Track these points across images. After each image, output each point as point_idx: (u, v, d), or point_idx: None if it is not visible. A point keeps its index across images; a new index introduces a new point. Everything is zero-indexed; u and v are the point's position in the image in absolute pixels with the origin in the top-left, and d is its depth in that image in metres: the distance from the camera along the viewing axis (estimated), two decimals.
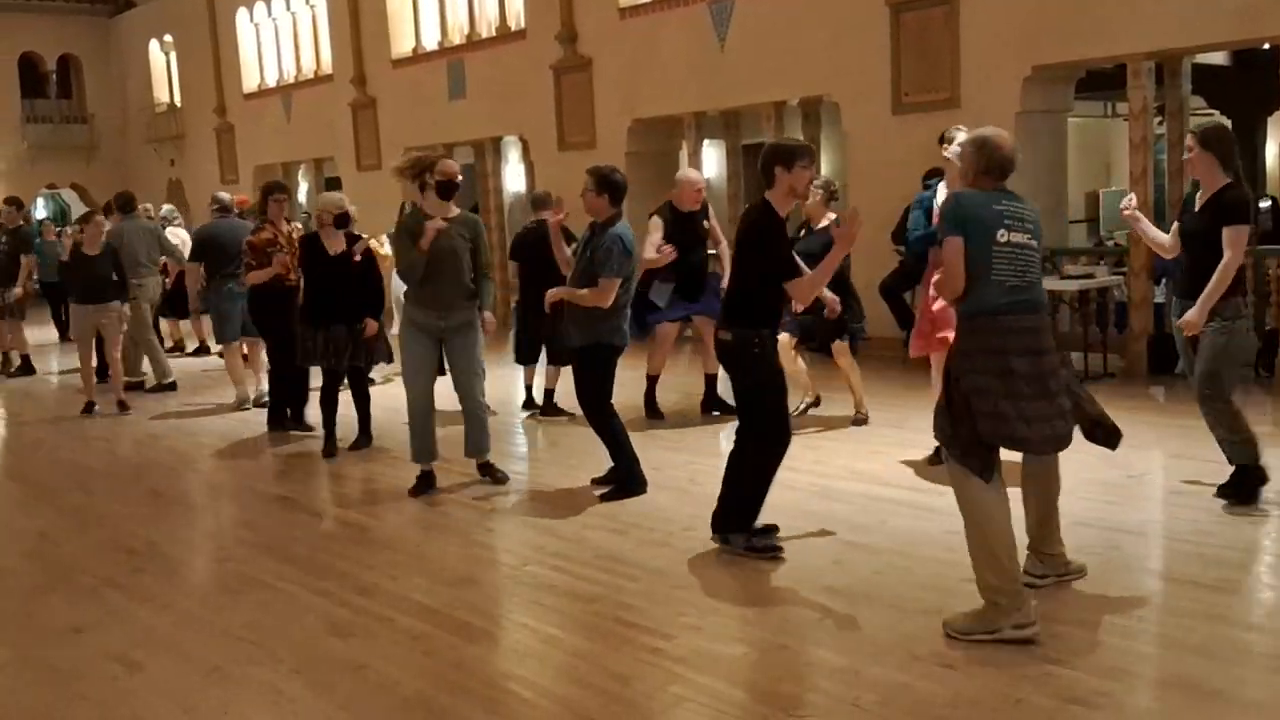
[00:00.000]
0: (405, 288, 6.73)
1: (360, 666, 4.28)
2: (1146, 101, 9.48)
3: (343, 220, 7.89)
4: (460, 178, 6.72)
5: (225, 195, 10.34)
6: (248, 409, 9.64)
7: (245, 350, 9.81)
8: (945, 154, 6.15)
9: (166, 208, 14.41)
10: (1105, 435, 4.46)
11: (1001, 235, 4.16)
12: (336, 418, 7.82)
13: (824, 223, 7.49)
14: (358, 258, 7.75)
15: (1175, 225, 5.70)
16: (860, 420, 7.90)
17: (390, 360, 8.11)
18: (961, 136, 5.65)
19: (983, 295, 4.15)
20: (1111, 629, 4.22)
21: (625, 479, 6.40)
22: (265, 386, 9.49)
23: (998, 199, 4.24)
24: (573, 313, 6.32)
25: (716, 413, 8.40)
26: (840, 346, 7.80)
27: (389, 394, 9.07)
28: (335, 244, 7.78)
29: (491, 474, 6.80)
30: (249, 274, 8.55)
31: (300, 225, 9.23)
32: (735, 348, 5.17)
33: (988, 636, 4.09)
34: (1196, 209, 5.48)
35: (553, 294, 6.48)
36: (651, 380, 8.58)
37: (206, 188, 21.72)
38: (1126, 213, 5.93)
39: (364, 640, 4.57)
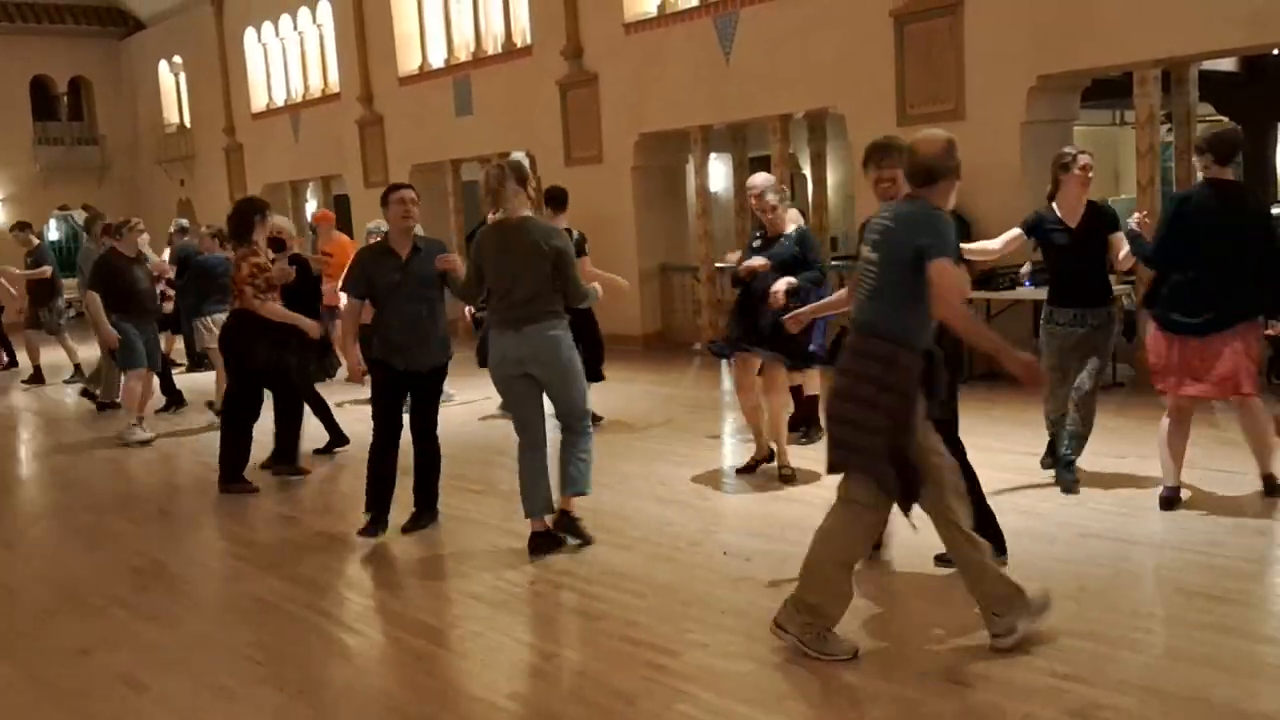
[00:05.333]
0: None
1: (366, 686, 4.27)
2: (1153, 109, 9.45)
3: (279, 244, 7.89)
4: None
5: (183, 221, 10.54)
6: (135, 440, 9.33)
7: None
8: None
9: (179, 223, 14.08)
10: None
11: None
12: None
13: (789, 229, 6.82)
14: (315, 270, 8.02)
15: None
16: (785, 475, 6.76)
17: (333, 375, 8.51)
18: None
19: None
20: (1122, 642, 4.19)
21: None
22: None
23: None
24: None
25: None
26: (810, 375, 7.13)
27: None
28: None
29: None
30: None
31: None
32: None
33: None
34: None
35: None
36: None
37: (216, 207, 21.89)
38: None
39: (369, 660, 4.56)
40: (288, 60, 20.79)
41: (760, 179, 6.97)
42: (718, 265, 12.48)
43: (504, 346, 5.54)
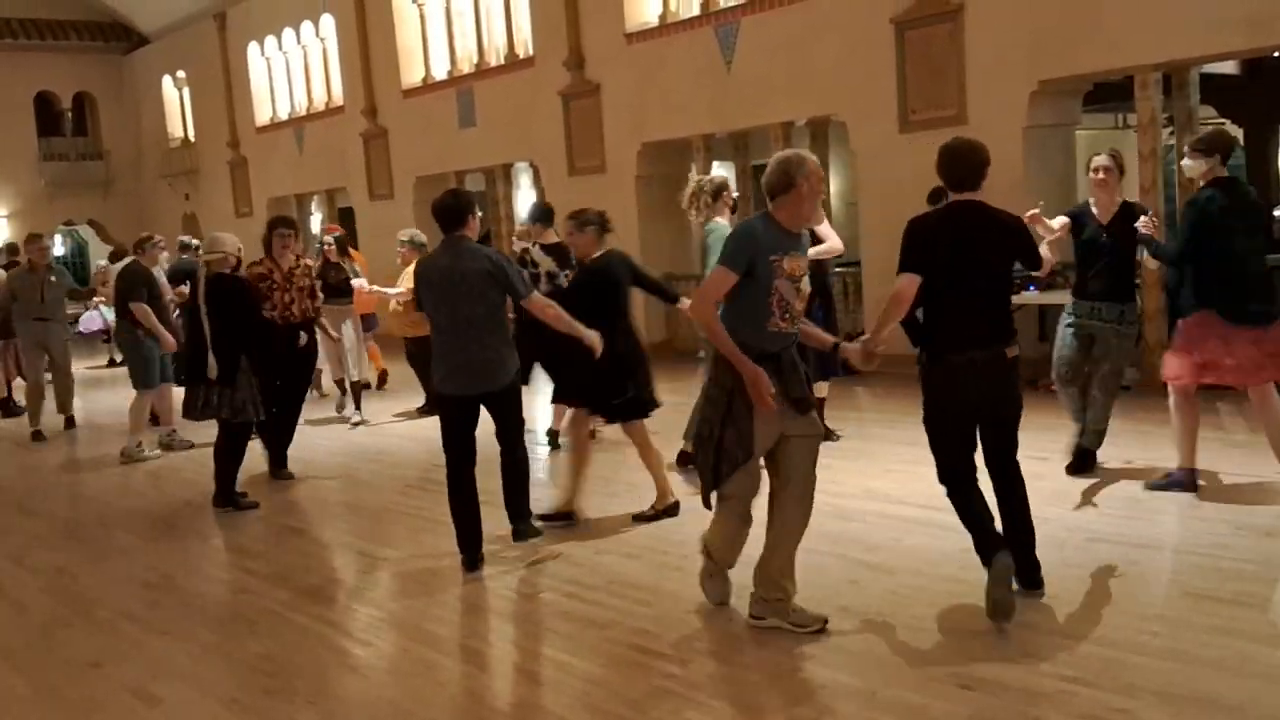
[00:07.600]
0: None
1: (375, 697, 4.28)
2: (1155, 113, 9.46)
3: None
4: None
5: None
6: (145, 458, 9.36)
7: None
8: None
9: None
10: None
11: None
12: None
13: (598, 253, 6.77)
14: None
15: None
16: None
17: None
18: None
19: None
20: (1129, 645, 4.19)
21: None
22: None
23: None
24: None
25: None
26: None
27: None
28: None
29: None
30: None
31: (310, 261, 9.01)
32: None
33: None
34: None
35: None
36: None
37: (221, 221, 21.98)
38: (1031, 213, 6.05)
39: (378, 670, 4.57)
40: (291, 74, 20.87)
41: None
42: None
43: None
